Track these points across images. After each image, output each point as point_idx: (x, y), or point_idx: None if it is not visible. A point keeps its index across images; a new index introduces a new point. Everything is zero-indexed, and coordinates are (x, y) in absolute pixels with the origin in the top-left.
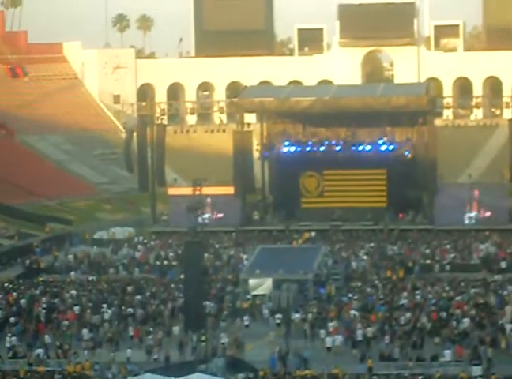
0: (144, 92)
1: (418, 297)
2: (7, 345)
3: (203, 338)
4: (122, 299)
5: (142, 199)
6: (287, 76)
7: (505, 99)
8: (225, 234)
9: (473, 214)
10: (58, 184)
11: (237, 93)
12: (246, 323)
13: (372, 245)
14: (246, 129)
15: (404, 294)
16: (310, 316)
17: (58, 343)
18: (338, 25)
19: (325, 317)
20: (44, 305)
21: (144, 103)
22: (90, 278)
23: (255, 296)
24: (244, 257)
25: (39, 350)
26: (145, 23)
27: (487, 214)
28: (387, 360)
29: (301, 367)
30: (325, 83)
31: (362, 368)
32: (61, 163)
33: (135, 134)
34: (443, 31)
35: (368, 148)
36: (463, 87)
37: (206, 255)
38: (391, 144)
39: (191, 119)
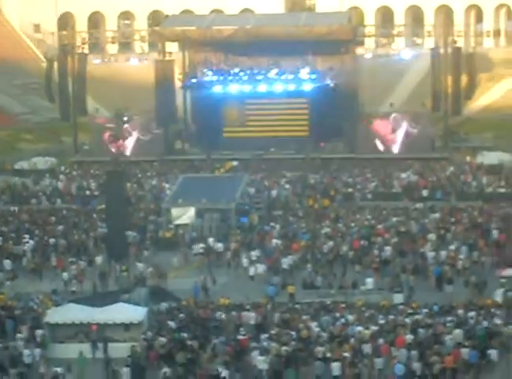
0: (65, 21)
1: (340, 225)
2: None
3: (125, 268)
4: (44, 230)
5: (64, 129)
6: (208, 5)
7: (427, 28)
8: (147, 164)
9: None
10: None
11: (158, 22)
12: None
13: (294, 174)
14: (167, 58)
15: (327, 222)
16: (232, 245)
17: None
18: None
19: (248, 246)
20: None
21: (64, 32)
22: (12, 208)
23: (178, 225)
24: (167, 186)
25: None
26: None
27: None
28: (310, 288)
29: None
30: (247, 12)
31: (272, 290)
32: None
33: (56, 64)
34: None
35: (290, 77)
36: (385, 16)
37: (128, 185)
38: (313, 73)
39: (112, 48)
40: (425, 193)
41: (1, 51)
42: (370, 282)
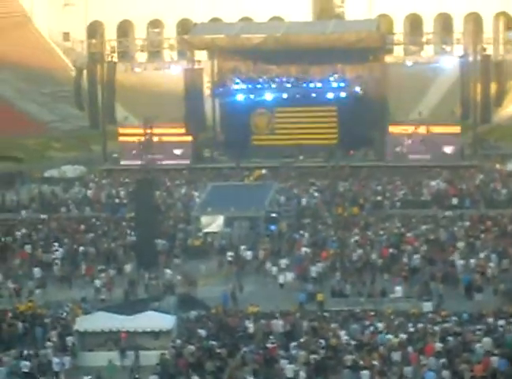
0: (94, 30)
1: (369, 233)
2: None
3: (154, 276)
4: (74, 238)
5: (93, 137)
6: (237, 13)
7: (456, 36)
8: (176, 172)
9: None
10: (7, 122)
11: (187, 30)
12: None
13: (323, 182)
14: (196, 66)
15: (356, 230)
16: (261, 253)
17: (9, 282)
18: None
19: (277, 254)
20: None
21: (94, 41)
22: (41, 216)
23: (207, 233)
24: (196, 194)
25: None
26: None
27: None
28: (338, 296)
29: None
30: (276, 19)
31: (303, 297)
32: (10, 100)
33: (85, 72)
34: None
35: (319, 85)
36: (414, 23)
37: (158, 193)
38: (342, 81)
39: (141, 57)
40: (454, 201)
41: (31, 59)
42: (399, 290)
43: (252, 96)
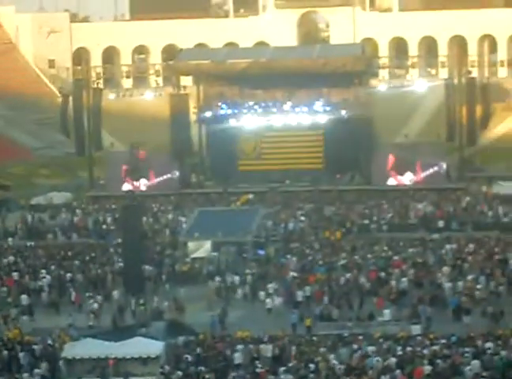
0: (80, 56)
1: (356, 257)
2: None
3: (142, 302)
4: (61, 264)
5: (79, 163)
6: (222, 38)
7: (440, 59)
8: (163, 198)
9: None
10: None
11: (173, 56)
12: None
13: (310, 206)
14: (182, 92)
15: (343, 254)
16: (249, 278)
17: None
18: None
19: (265, 279)
20: None
21: (79, 67)
22: (28, 244)
23: (194, 259)
24: (183, 220)
25: None
26: None
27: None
28: (326, 320)
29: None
30: (261, 45)
31: (294, 318)
32: None
33: (71, 98)
34: None
35: (305, 109)
36: (399, 47)
37: (145, 219)
38: (328, 105)
39: (127, 83)
40: (441, 223)
41: (17, 87)
42: (387, 313)
43: (238, 121)
